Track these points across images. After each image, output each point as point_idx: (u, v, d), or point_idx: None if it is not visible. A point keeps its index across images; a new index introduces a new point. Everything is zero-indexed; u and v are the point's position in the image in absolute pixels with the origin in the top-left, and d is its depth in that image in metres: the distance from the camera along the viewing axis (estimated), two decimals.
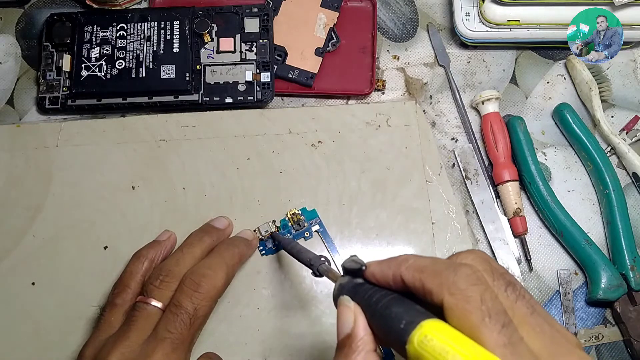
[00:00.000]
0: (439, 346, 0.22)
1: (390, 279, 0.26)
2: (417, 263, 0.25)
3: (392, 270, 0.26)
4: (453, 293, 0.23)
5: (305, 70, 0.50)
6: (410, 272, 0.25)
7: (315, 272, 0.34)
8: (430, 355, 0.22)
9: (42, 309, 0.44)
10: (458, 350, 0.21)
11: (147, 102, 0.49)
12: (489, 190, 0.49)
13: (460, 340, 0.22)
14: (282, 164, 0.48)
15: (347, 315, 0.26)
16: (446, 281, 0.23)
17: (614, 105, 0.52)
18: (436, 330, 0.23)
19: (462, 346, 0.22)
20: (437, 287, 0.23)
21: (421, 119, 0.50)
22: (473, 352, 0.22)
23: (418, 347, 0.23)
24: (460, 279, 0.23)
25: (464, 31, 0.50)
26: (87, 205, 0.47)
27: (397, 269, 0.25)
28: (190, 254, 0.40)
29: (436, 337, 0.22)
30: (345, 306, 0.26)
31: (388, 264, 0.26)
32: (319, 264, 0.34)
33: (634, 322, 0.44)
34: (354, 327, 0.26)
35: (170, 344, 0.35)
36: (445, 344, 0.22)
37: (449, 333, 0.22)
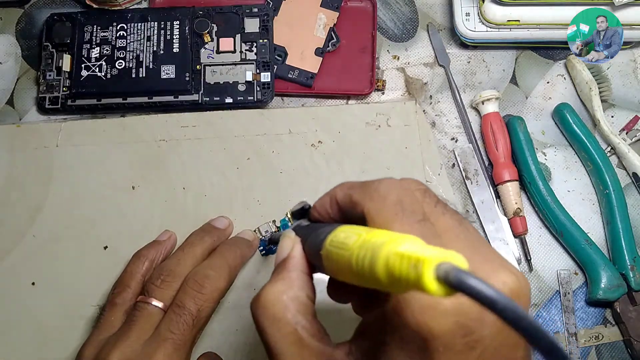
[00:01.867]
0: (342, 236, 0.22)
1: (328, 205, 0.26)
2: (349, 183, 0.26)
3: (328, 197, 0.26)
4: (373, 198, 0.23)
5: (305, 70, 0.50)
6: (342, 191, 0.25)
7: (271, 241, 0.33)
8: (335, 248, 0.22)
9: (42, 309, 0.44)
10: (357, 232, 0.21)
11: (147, 102, 0.49)
12: (489, 190, 0.49)
13: (364, 228, 0.22)
14: (282, 164, 0.48)
15: (286, 242, 0.27)
16: (369, 189, 0.24)
17: (614, 105, 0.52)
18: (345, 228, 0.22)
19: (361, 230, 0.21)
20: (361, 197, 0.24)
21: (421, 119, 0.50)
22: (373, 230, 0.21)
23: (328, 246, 0.22)
24: (382, 185, 0.23)
25: (464, 31, 0.50)
26: (87, 205, 0.47)
27: (332, 193, 0.26)
28: (191, 254, 0.40)
29: (343, 232, 0.22)
30: (286, 236, 0.27)
31: (327, 192, 0.27)
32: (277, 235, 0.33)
33: (634, 322, 0.44)
34: (291, 251, 0.26)
35: (172, 344, 0.35)
36: (349, 232, 0.22)
37: (355, 228, 0.22)
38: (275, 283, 0.25)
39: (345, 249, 0.21)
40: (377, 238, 0.19)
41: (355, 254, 0.20)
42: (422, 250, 0.18)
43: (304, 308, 0.24)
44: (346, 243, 0.21)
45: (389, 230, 0.21)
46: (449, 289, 0.17)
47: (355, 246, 0.20)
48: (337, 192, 0.26)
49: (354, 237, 0.21)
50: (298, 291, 0.25)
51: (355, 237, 0.21)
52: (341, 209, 0.26)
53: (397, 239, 0.19)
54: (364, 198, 0.24)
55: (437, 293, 0.17)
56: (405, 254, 0.18)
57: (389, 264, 0.18)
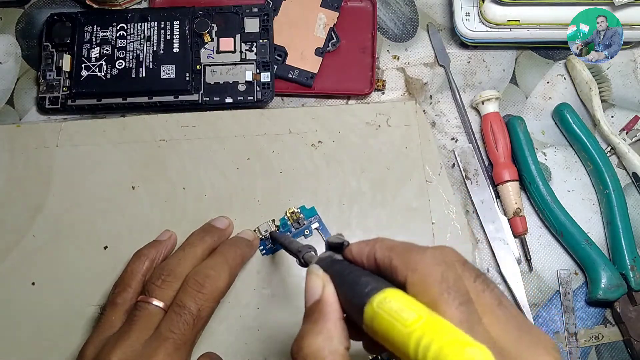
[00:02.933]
0: (396, 306, 0.22)
1: (365, 257, 0.26)
2: (390, 242, 0.26)
3: (367, 247, 0.26)
4: (415, 270, 0.23)
5: (305, 70, 0.50)
6: (382, 250, 0.25)
7: (301, 260, 0.34)
8: (386, 314, 0.22)
9: (42, 309, 0.44)
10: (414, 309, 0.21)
11: (147, 102, 0.49)
12: (489, 190, 0.49)
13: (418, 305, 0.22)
14: (282, 164, 0.48)
15: (315, 282, 0.26)
16: (412, 259, 0.24)
17: (614, 105, 0.52)
18: (397, 295, 0.23)
19: (420, 308, 0.21)
20: (402, 264, 0.24)
21: (421, 119, 0.50)
22: (431, 313, 0.21)
23: (376, 307, 0.22)
24: (426, 257, 0.23)
25: (464, 31, 0.50)
26: (87, 205, 0.47)
27: (372, 248, 0.26)
28: (192, 254, 0.40)
29: (395, 300, 0.22)
30: (314, 274, 0.27)
31: (366, 242, 0.27)
32: (305, 252, 0.34)
33: (634, 322, 0.44)
34: (323, 294, 0.26)
35: (173, 344, 0.35)
36: (403, 304, 0.22)
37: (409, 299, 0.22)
38: (314, 335, 0.25)
39: (402, 323, 0.21)
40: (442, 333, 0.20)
41: (415, 337, 0.20)
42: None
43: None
44: (403, 317, 0.21)
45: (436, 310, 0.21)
46: None
47: (417, 328, 0.20)
48: (376, 249, 0.26)
49: (413, 315, 0.21)
50: (337, 343, 0.24)
51: (415, 316, 0.21)
52: (379, 266, 0.25)
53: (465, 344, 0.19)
54: (406, 267, 0.23)
55: None
56: None
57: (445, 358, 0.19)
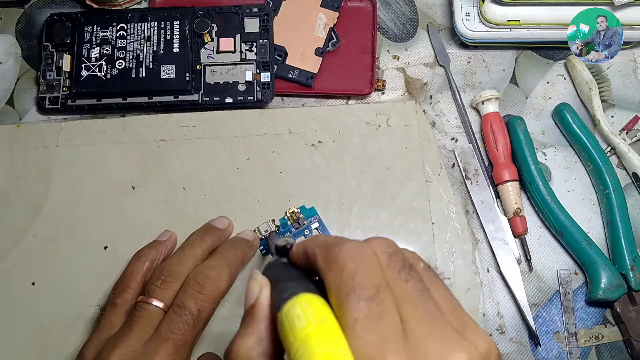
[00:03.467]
0: (296, 313, 0.21)
1: (302, 256, 0.25)
2: (322, 239, 0.24)
3: (302, 246, 0.25)
4: (331, 268, 0.22)
5: (305, 70, 0.50)
6: (311, 248, 0.24)
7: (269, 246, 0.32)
8: (287, 321, 0.21)
9: (42, 309, 0.44)
10: (308, 317, 0.21)
11: (147, 102, 0.49)
12: (489, 190, 0.49)
13: (320, 312, 0.21)
14: (282, 164, 0.48)
15: (253, 286, 0.26)
16: (330, 255, 0.23)
17: (614, 105, 0.52)
18: (307, 302, 0.22)
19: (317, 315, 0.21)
20: (323, 262, 0.23)
21: (421, 119, 0.50)
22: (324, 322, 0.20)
23: (283, 315, 0.22)
24: (342, 253, 0.22)
25: (464, 31, 0.50)
26: (87, 205, 0.47)
27: (304, 246, 0.25)
28: (192, 254, 0.40)
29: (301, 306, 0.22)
30: (253, 278, 0.26)
31: (304, 241, 0.26)
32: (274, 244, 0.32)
33: (634, 322, 0.44)
34: (258, 297, 0.25)
35: (173, 344, 0.35)
36: (303, 311, 0.21)
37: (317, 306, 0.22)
38: (244, 338, 0.24)
39: (292, 332, 0.21)
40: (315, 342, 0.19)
41: (295, 346, 0.20)
42: None
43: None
44: (296, 325, 0.21)
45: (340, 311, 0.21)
46: None
47: (299, 337, 0.20)
48: (308, 246, 0.25)
49: (303, 324, 0.21)
50: (267, 346, 0.24)
51: (304, 325, 0.20)
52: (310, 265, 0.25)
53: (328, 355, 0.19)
54: (325, 266, 0.23)
55: None
56: None
57: None
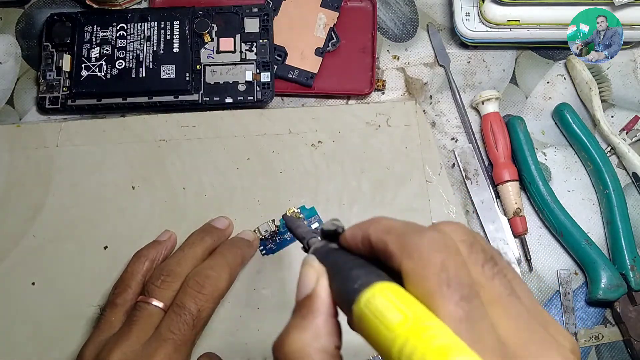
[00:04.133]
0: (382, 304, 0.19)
1: (359, 242, 0.23)
2: (387, 224, 0.22)
3: (362, 231, 0.23)
4: (412, 257, 0.20)
5: (305, 70, 0.50)
6: (377, 233, 0.22)
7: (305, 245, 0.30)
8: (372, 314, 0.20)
9: (42, 309, 0.44)
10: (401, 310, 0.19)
11: (147, 102, 0.49)
12: (489, 190, 0.49)
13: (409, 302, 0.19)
14: (282, 164, 0.48)
15: (309, 274, 0.23)
16: (408, 244, 0.21)
17: (614, 105, 0.52)
18: (387, 291, 0.20)
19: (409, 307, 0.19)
20: (398, 249, 0.21)
21: (421, 119, 0.50)
22: (420, 313, 0.19)
23: (363, 307, 0.20)
24: (424, 242, 0.20)
25: (464, 31, 0.50)
26: (87, 205, 0.47)
27: (366, 230, 0.23)
28: (192, 254, 0.40)
29: (384, 296, 0.20)
30: (309, 265, 0.24)
31: (359, 225, 0.23)
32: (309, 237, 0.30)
33: (634, 322, 0.44)
34: (316, 288, 0.23)
35: (173, 344, 0.35)
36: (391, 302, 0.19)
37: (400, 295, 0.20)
38: (301, 331, 0.22)
39: (386, 326, 0.19)
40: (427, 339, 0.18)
41: (399, 343, 0.18)
42: None
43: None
44: (388, 318, 0.19)
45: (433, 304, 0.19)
46: None
47: (401, 332, 0.18)
48: (370, 233, 0.22)
49: (399, 317, 0.19)
50: (325, 341, 0.22)
51: (401, 318, 0.19)
52: (373, 252, 0.23)
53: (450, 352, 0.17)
54: (402, 253, 0.21)
55: None
56: None
57: None
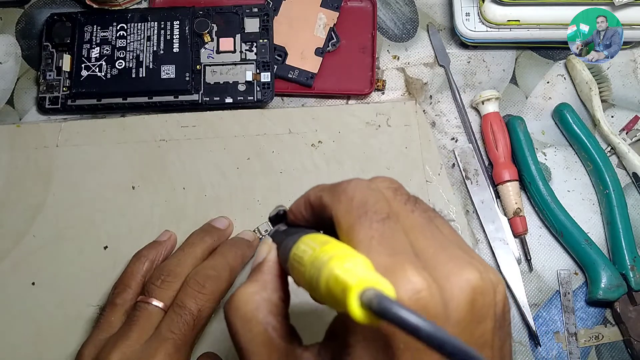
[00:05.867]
0: (301, 249, 0.21)
1: (302, 208, 0.26)
2: (322, 185, 0.25)
3: (303, 198, 0.26)
4: (340, 200, 0.23)
5: (305, 70, 0.50)
6: (314, 193, 0.25)
7: None
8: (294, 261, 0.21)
9: (42, 309, 0.44)
10: (312, 246, 0.20)
11: (147, 102, 0.49)
12: (489, 190, 0.49)
13: (323, 241, 0.21)
14: (282, 164, 0.48)
15: (263, 248, 0.27)
16: (337, 190, 0.23)
17: (614, 105, 0.52)
18: (309, 239, 0.22)
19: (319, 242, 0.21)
20: (330, 199, 0.23)
21: (421, 119, 0.50)
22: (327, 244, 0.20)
23: (291, 259, 0.22)
24: (350, 186, 0.23)
25: (464, 31, 0.50)
26: (87, 205, 0.47)
27: (306, 195, 0.26)
28: (192, 254, 0.40)
29: (303, 243, 0.21)
30: (263, 242, 0.27)
31: (302, 195, 0.26)
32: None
33: (634, 322, 0.44)
34: (266, 256, 0.26)
35: (173, 344, 0.35)
36: (307, 245, 0.21)
37: (318, 239, 0.21)
38: (248, 284, 0.25)
39: (302, 265, 0.21)
40: (325, 254, 0.19)
41: (307, 271, 0.20)
42: (352, 274, 0.17)
43: (275, 309, 0.24)
44: (302, 258, 0.21)
45: (352, 233, 0.21)
46: (373, 316, 0.16)
47: (308, 262, 0.20)
48: (310, 194, 0.25)
49: (310, 252, 0.20)
50: (271, 293, 0.25)
51: (310, 252, 0.20)
52: (314, 211, 0.25)
53: (340, 257, 0.19)
54: (332, 200, 0.23)
55: (363, 320, 0.17)
56: (339, 277, 0.18)
57: (329, 285, 0.18)
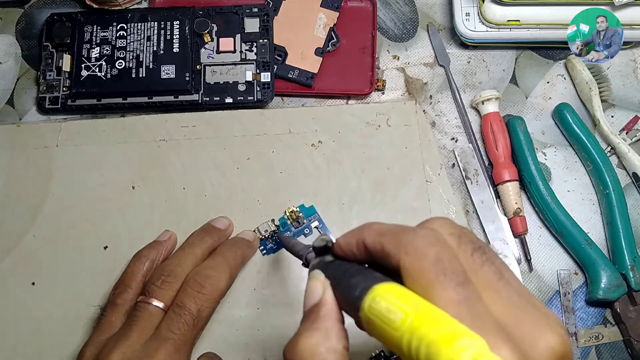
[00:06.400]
0: (385, 306, 0.20)
1: (355, 247, 0.25)
2: (380, 227, 0.24)
3: (355, 237, 0.25)
4: (408, 253, 0.22)
5: (305, 70, 0.50)
6: (372, 236, 0.24)
7: (304, 261, 0.32)
8: (377, 318, 0.21)
9: (42, 309, 0.44)
10: (401, 307, 0.20)
11: (147, 102, 0.49)
12: (489, 190, 0.49)
13: (408, 298, 0.20)
14: (282, 164, 0.48)
15: (316, 286, 0.25)
16: (403, 241, 0.22)
17: (614, 105, 0.52)
18: (386, 292, 0.21)
19: (408, 303, 0.20)
20: (394, 248, 0.22)
21: (421, 119, 0.50)
22: (419, 307, 0.20)
23: (367, 312, 0.21)
24: (418, 238, 0.22)
25: (464, 31, 0.50)
26: (87, 205, 0.47)
27: (360, 236, 0.25)
28: (192, 254, 0.40)
29: (384, 298, 0.21)
30: (315, 279, 0.26)
31: (352, 232, 0.25)
32: (306, 252, 0.32)
33: (634, 322, 0.44)
34: (323, 297, 0.25)
35: (173, 344, 0.35)
36: (391, 302, 0.20)
37: (398, 293, 0.21)
38: (311, 333, 0.24)
39: (392, 327, 0.20)
40: (430, 330, 0.19)
41: (406, 340, 0.19)
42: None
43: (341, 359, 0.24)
44: (391, 319, 0.20)
45: (432, 295, 0.20)
46: None
47: (405, 329, 0.19)
48: (365, 237, 0.24)
49: (400, 315, 0.20)
50: (335, 343, 0.24)
51: (402, 316, 0.20)
52: (370, 254, 0.24)
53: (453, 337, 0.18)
54: (398, 251, 0.22)
55: None
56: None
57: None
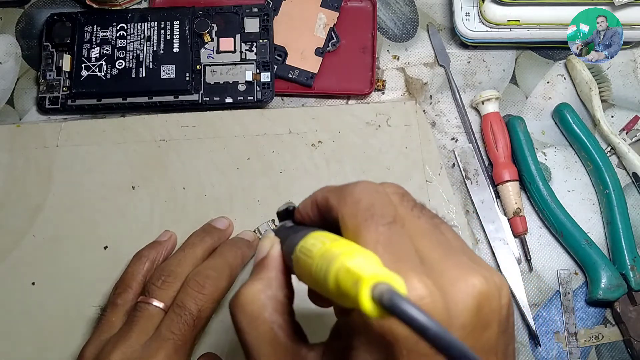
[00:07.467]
0: (311, 242, 0.21)
1: (309, 209, 0.26)
2: (329, 186, 0.25)
3: (311, 199, 0.26)
4: (346, 202, 0.23)
5: (305, 70, 0.50)
6: (321, 194, 0.25)
7: None
8: (302, 254, 0.22)
9: (42, 309, 0.44)
10: (323, 241, 0.21)
11: (147, 102, 0.49)
12: (489, 190, 0.49)
13: (332, 237, 0.21)
14: (282, 164, 0.48)
15: (265, 243, 0.27)
16: (344, 193, 0.23)
17: (614, 105, 0.52)
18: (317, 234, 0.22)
19: (330, 238, 0.21)
20: (336, 201, 0.23)
21: (421, 119, 0.50)
22: (339, 240, 0.21)
23: (297, 252, 0.22)
24: (357, 189, 0.23)
25: (464, 31, 0.50)
26: (87, 205, 0.47)
27: (314, 197, 0.26)
28: (192, 255, 0.40)
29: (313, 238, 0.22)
30: (265, 237, 0.27)
31: (310, 195, 0.26)
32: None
33: (634, 322, 0.44)
34: (270, 250, 0.26)
35: (173, 344, 0.35)
36: (317, 239, 0.21)
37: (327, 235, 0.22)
38: (253, 282, 0.25)
39: (310, 257, 0.21)
40: (336, 249, 0.19)
41: (315, 263, 0.20)
42: (365, 268, 0.17)
43: (281, 307, 0.25)
44: (311, 251, 0.21)
45: (358, 235, 0.21)
46: (382, 311, 0.17)
47: (317, 255, 0.20)
48: (317, 195, 0.25)
49: (319, 245, 0.21)
50: (276, 290, 0.25)
51: (320, 246, 0.21)
52: (320, 212, 0.25)
53: (351, 252, 0.19)
54: (339, 202, 0.23)
55: (372, 314, 0.17)
56: (351, 269, 0.18)
57: (338, 278, 0.18)
